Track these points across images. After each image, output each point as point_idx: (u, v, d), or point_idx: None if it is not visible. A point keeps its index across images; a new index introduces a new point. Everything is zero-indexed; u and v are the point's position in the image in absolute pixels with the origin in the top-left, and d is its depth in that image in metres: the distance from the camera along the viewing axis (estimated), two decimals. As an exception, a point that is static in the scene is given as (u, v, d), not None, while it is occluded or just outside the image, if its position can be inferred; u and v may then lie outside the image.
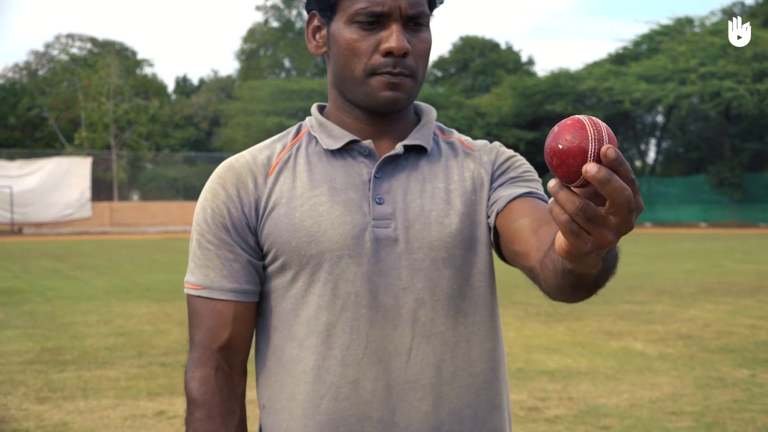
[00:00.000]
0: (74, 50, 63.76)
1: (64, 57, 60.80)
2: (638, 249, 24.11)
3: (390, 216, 1.66)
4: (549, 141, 1.10)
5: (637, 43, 49.79)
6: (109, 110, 48.17)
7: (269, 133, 46.64)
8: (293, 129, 1.81)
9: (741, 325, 9.78)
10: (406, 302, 1.65)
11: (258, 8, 78.93)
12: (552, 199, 1.12)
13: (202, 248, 1.70)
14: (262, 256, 1.69)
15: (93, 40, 64.60)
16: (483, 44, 64.51)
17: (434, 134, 1.82)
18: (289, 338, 1.67)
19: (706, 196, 44.76)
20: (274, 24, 68.06)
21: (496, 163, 1.79)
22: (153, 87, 62.29)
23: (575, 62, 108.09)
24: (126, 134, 50.56)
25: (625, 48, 50.60)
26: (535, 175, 1.84)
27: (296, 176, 1.71)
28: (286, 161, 1.75)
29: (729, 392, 6.57)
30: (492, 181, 1.76)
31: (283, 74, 66.73)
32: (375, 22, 1.65)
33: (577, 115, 1.10)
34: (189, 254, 1.73)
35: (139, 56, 68.96)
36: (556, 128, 1.10)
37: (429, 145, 1.75)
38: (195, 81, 75.85)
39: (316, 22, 1.77)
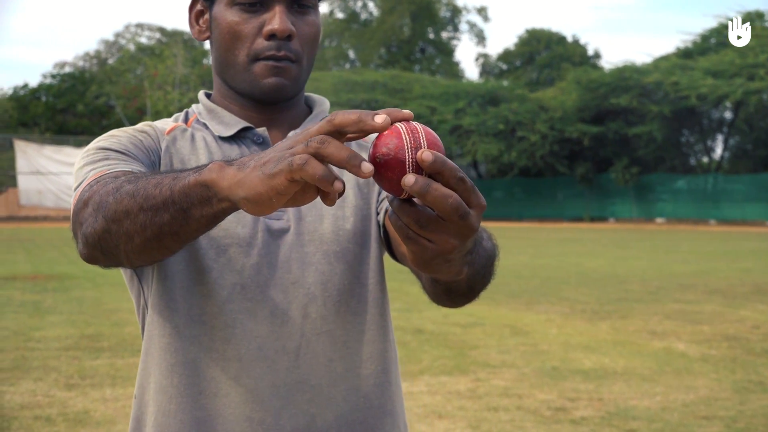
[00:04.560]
0: (143, 40, 64.72)
1: (131, 47, 61.64)
2: (698, 247, 23.72)
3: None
4: (369, 155, 1.05)
5: (705, 37, 48.90)
6: (174, 99, 48.67)
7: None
8: (180, 115, 1.73)
9: (791, 327, 9.52)
10: (296, 297, 1.56)
11: (324, -1, 79.14)
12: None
13: (101, 158, 1.48)
14: None
15: (161, 30, 65.51)
16: (549, 37, 63.88)
17: None
18: (163, 325, 1.56)
19: (773, 194, 43.89)
20: (339, 15, 68.17)
21: None
22: (218, 77, 62.74)
23: (642, 56, 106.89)
24: (190, 123, 51.03)
25: (693, 42, 49.79)
26: None
27: (194, 149, 1.63)
28: (183, 131, 1.67)
29: (767, 398, 6.39)
30: None
31: (347, 65, 66.82)
32: (257, 3, 1.57)
33: (397, 123, 1.04)
34: (75, 182, 1.47)
35: (206, 46, 69.55)
36: (375, 140, 1.04)
37: None
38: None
39: (199, 6, 1.68)
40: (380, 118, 1.00)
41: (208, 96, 1.75)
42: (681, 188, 45.93)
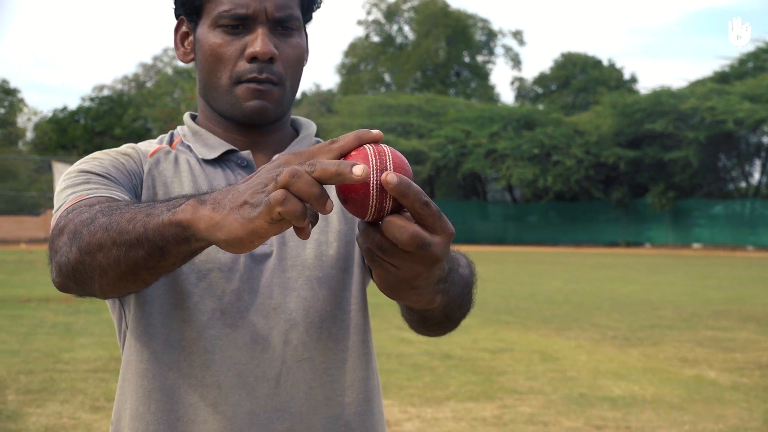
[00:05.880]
0: (180, 63, 65.25)
1: (169, 70, 62.23)
2: (734, 273, 23.45)
3: None
4: None
5: (742, 62, 48.58)
6: (210, 122, 48.97)
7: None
8: (165, 136, 1.72)
9: (826, 356, 9.37)
10: (277, 323, 1.54)
11: (359, 23, 79.30)
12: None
13: (82, 181, 1.48)
14: None
15: (199, 54, 65.96)
16: (585, 61, 63.74)
17: None
18: (140, 351, 1.54)
19: (812, 220, 43.37)
20: (375, 39, 68.41)
21: None
22: (255, 100, 63.15)
23: (679, 80, 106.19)
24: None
25: (730, 66, 49.45)
26: None
27: (178, 172, 1.62)
28: (167, 153, 1.66)
29: (798, 427, 6.29)
30: None
31: (383, 89, 66.97)
32: (240, 25, 1.57)
33: (366, 145, 1.03)
34: (56, 205, 1.47)
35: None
36: (341, 160, 1.03)
37: None
38: (297, 94, 76.63)
39: (184, 28, 1.68)
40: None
41: (193, 118, 1.74)
42: (718, 213, 45.49)
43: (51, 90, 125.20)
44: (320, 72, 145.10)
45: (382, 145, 1.04)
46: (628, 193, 47.47)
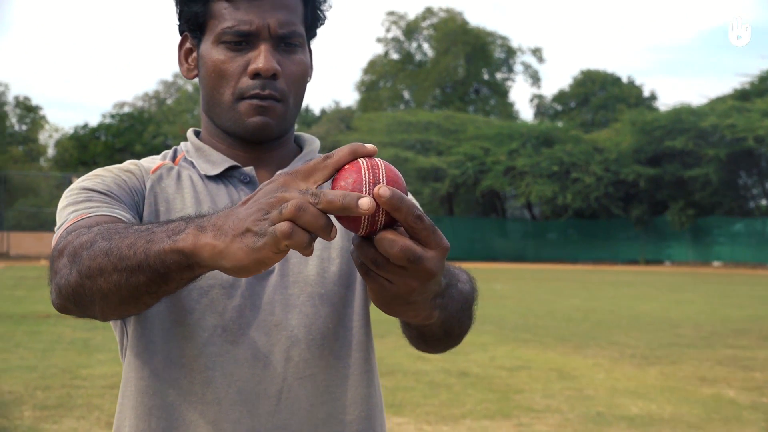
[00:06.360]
0: (200, 80, 65.59)
1: (189, 87, 62.54)
2: (755, 291, 23.30)
3: None
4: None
5: (762, 79, 48.39)
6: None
7: (385, 165, 46.95)
8: (169, 152, 1.72)
9: None
10: (278, 340, 1.53)
11: (379, 40, 79.53)
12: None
13: (84, 199, 1.48)
14: None
15: (219, 71, 66.28)
16: (604, 78, 63.73)
17: None
18: (140, 368, 1.54)
19: (834, 238, 43.09)
20: (394, 56, 68.56)
21: None
22: (275, 117, 63.44)
23: (699, 97, 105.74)
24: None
25: (750, 83, 49.27)
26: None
27: (180, 189, 1.62)
28: (170, 169, 1.65)
29: (818, 447, 6.22)
30: None
31: (402, 106, 67.06)
32: (243, 42, 1.57)
33: (359, 159, 1.03)
34: (58, 223, 1.47)
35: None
36: (336, 174, 1.03)
37: None
38: (317, 111, 76.94)
39: (188, 44, 1.68)
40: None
41: (197, 134, 1.74)
42: (739, 231, 45.23)
43: (72, 107, 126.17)
44: (339, 89, 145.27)
45: (376, 159, 1.04)
46: (648, 210, 47.27)
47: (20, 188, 49.97)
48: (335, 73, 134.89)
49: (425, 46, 68.00)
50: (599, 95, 63.11)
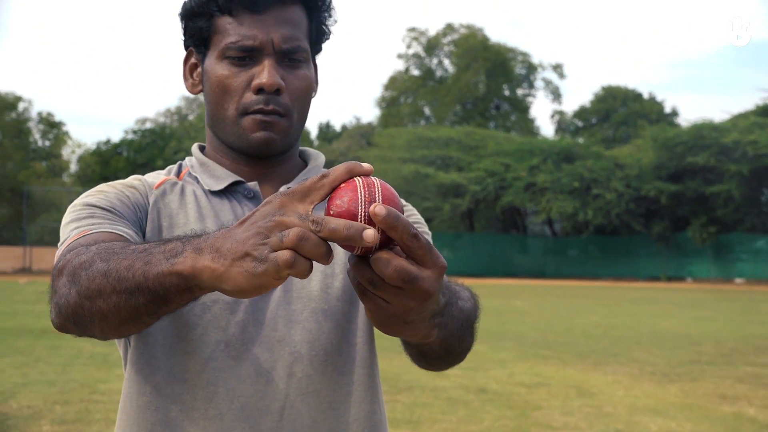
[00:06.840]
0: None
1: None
2: (777, 308, 23.12)
3: None
4: (325, 208, 1.04)
5: (785, 95, 48.20)
6: (250, 155, 49.28)
7: (405, 181, 46.94)
8: (174, 167, 1.72)
9: None
10: (281, 356, 1.52)
11: (399, 56, 79.74)
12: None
13: (87, 215, 1.48)
14: None
15: (240, 87, 66.52)
16: (626, 94, 63.62)
17: None
18: (142, 384, 1.53)
19: None
20: (415, 72, 68.64)
21: None
22: (295, 133, 63.65)
23: (721, 113, 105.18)
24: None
25: (773, 99, 49.05)
26: (424, 227, 1.69)
27: (183, 204, 1.62)
28: (174, 185, 1.65)
29: (839, 467, 6.16)
30: None
31: (422, 122, 67.09)
32: (247, 57, 1.57)
33: (355, 177, 1.03)
34: (61, 239, 1.48)
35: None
36: (332, 192, 1.03)
37: None
38: (338, 127, 77.12)
39: (193, 60, 1.69)
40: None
41: (201, 149, 1.74)
42: (761, 248, 44.91)
43: (95, 122, 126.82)
44: (360, 105, 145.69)
45: (372, 178, 1.04)
46: (669, 227, 47.03)
47: (43, 203, 50.23)
48: (356, 89, 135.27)
49: (446, 62, 68.07)
50: (620, 111, 62.97)
